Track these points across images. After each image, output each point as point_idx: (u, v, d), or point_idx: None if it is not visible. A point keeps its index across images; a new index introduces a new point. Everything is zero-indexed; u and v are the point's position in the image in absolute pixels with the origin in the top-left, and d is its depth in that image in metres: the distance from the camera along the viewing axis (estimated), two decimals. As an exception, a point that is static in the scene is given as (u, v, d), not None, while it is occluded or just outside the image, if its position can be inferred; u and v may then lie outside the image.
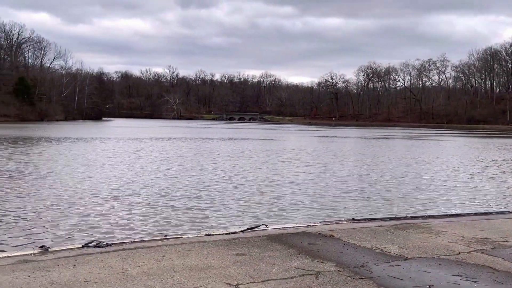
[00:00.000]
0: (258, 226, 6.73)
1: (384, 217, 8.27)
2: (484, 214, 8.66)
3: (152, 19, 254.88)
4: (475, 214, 8.47)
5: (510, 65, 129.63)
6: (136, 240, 5.91)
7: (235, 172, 16.27)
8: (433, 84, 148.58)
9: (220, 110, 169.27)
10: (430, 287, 4.31)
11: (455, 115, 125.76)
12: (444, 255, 5.36)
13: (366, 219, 7.68)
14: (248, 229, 6.53)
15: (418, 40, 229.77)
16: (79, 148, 25.30)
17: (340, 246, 5.65)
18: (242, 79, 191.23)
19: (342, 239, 5.97)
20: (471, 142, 43.02)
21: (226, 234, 6.20)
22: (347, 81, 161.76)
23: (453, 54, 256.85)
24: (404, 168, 18.81)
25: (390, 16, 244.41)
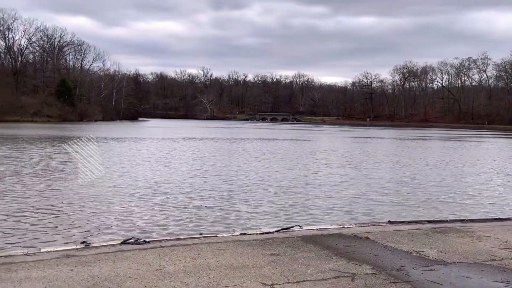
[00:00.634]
0: (292, 227, 6.71)
1: (422, 220, 8.07)
2: (529, 218, 8.29)
3: (185, 21, 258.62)
4: (519, 219, 8.13)
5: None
6: (172, 238, 6.01)
7: (267, 172, 16.29)
8: (473, 84, 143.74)
9: (253, 110, 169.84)
10: (472, 293, 4.18)
11: (497, 116, 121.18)
12: (486, 261, 5.18)
13: (403, 222, 7.51)
14: (282, 229, 6.52)
15: (456, 38, 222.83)
16: (115, 148, 26.01)
17: (376, 248, 5.55)
18: (275, 80, 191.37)
19: (378, 242, 5.87)
20: (513, 144, 41.32)
21: (260, 234, 6.21)
22: (382, 80, 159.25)
23: (494, 52, 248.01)
24: (442, 171, 18.28)
25: (425, 14, 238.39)
